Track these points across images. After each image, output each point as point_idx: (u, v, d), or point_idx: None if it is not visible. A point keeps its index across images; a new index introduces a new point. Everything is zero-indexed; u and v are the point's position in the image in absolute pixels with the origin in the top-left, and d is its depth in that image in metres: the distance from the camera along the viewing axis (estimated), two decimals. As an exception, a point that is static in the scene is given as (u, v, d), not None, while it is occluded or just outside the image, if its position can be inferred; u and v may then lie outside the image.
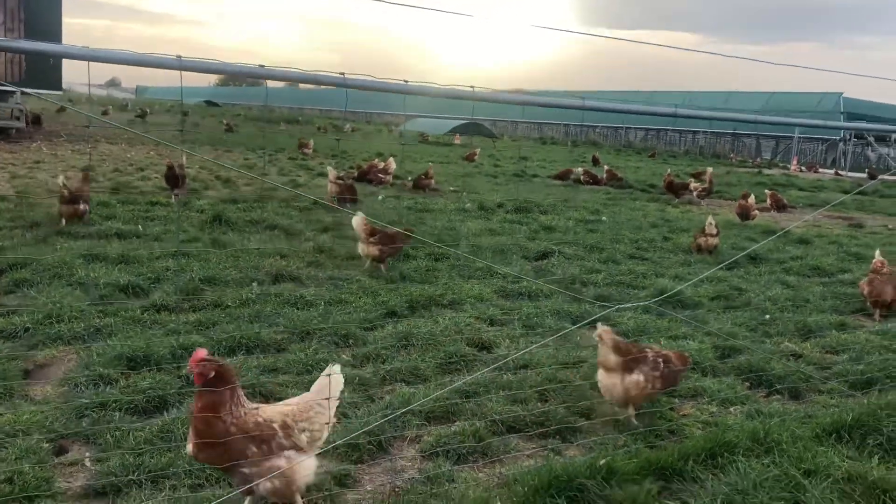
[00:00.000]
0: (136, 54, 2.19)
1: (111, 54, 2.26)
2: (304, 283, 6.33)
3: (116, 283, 5.72)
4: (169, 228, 8.15)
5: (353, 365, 4.54)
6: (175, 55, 2.18)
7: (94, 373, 4.05)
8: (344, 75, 2.74)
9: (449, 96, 3.37)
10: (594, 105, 3.84)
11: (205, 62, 2.30)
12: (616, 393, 3.92)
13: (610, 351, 3.92)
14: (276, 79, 2.58)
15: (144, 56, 2.18)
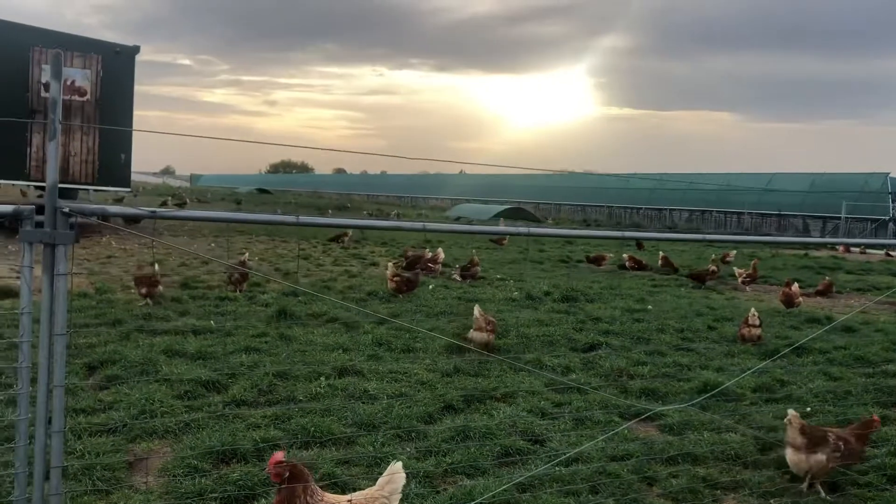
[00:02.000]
0: (258, 215, 2.73)
1: (245, 216, 2.81)
2: (367, 376, 6.79)
3: (198, 380, 6.26)
4: (238, 323, 8.74)
5: (416, 458, 4.95)
6: (294, 216, 2.72)
7: (189, 465, 4.54)
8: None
9: (459, 232, 3.81)
10: (539, 232, 4.30)
11: (318, 219, 2.84)
12: (801, 468, 4.72)
13: (797, 433, 4.72)
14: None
15: (269, 216, 2.73)
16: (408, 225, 3.89)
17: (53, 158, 2.45)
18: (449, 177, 75.76)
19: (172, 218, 2.80)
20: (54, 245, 2.41)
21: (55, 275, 2.42)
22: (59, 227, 2.40)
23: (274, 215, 3.07)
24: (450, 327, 9.22)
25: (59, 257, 2.42)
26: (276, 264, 15.27)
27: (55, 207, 2.39)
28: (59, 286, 2.44)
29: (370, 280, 13.24)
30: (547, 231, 3.91)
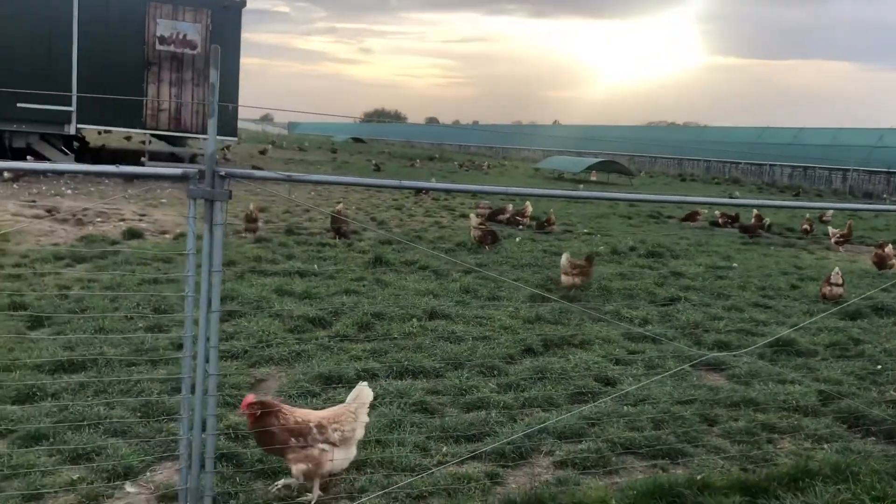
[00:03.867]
0: (374, 179, 3.28)
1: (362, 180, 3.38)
2: (454, 320, 7.41)
3: (306, 316, 7.02)
4: (339, 268, 9.50)
5: (497, 392, 5.54)
6: (398, 180, 3.27)
7: (302, 387, 5.28)
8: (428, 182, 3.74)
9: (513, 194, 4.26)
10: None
11: (419, 183, 3.36)
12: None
13: None
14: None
15: (381, 181, 3.27)
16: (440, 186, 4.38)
17: (213, 133, 3.06)
18: (541, 128, 75.17)
19: (306, 181, 3.37)
20: (213, 201, 3.05)
21: (213, 224, 3.07)
22: (217, 187, 3.03)
23: (384, 180, 3.64)
24: (534, 278, 9.73)
25: (216, 211, 3.06)
26: (372, 213, 16.06)
27: (213, 171, 3.02)
28: (217, 233, 3.09)
29: (459, 231, 13.83)
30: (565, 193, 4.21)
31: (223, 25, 19.65)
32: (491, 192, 4.66)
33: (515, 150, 64.64)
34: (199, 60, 19.56)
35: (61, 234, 10.80)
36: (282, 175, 3.26)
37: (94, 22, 18.36)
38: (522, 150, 63.55)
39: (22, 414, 4.51)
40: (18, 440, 4.21)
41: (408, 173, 30.53)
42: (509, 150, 65.51)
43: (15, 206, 12.72)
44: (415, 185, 3.50)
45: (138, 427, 4.47)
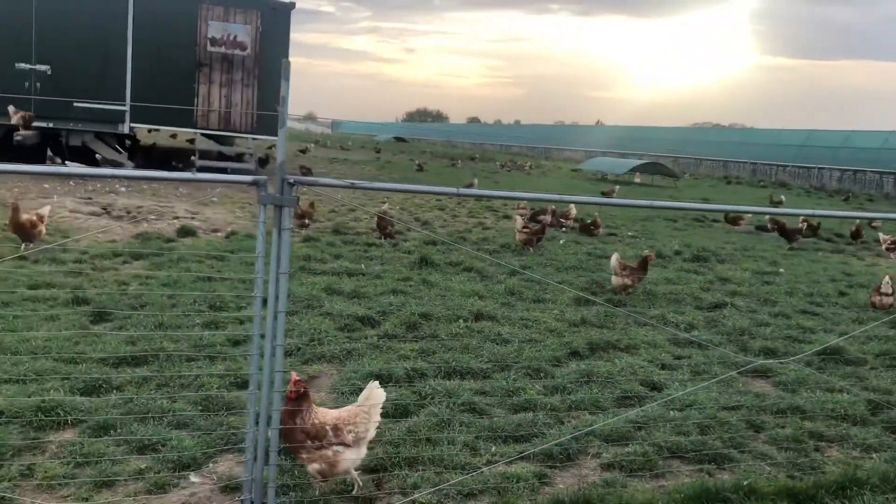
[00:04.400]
0: (425, 186, 3.40)
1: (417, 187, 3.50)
2: (500, 321, 7.51)
3: (355, 315, 7.19)
4: (386, 268, 9.66)
5: (543, 394, 5.63)
6: (455, 188, 3.39)
7: (353, 385, 5.43)
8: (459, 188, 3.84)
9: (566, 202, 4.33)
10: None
11: (474, 191, 3.49)
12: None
13: None
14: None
15: (433, 188, 3.41)
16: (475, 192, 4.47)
17: (282, 143, 3.22)
18: (584, 128, 74.76)
19: (368, 189, 3.51)
20: (282, 207, 3.20)
21: (281, 229, 3.23)
22: (285, 194, 3.19)
23: (437, 187, 3.77)
24: (578, 281, 9.78)
25: (284, 216, 3.22)
26: (416, 214, 16.22)
27: (283, 178, 3.17)
28: (284, 237, 3.24)
29: (503, 233, 13.92)
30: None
31: (272, 27, 20.00)
32: (549, 199, 4.74)
33: (557, 151, 64.38)
34: (248, 61, 19.93)
35: (118, 232, 11.15)
36: (346, 182, 3.40)
37: (148, 24, 18.83)
38: (564, 151, 63.28)
39: (90, 405, 4.74)
40: (88, 430, 4.43)
41: (450, 173, 30.66)
42: (551, 151, 65.27)
43: (72, 203, 13.15)
44: (473, 192, 3.60)
45: (199, 420, 4.66)
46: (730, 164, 47.67)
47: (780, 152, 44.31)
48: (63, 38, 18.18)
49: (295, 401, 3.82)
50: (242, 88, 20.10)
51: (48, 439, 4.31)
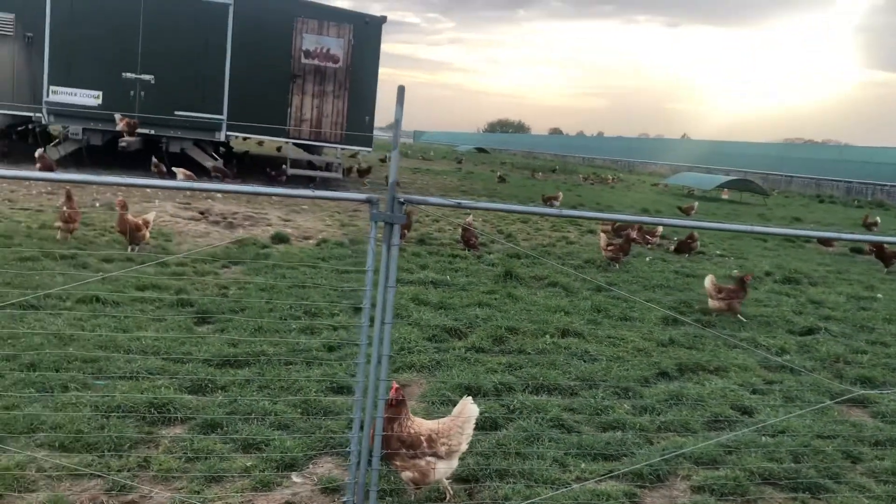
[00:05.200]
0: (519, 206, 3.50)
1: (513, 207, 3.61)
2: (587, 338, 7.53)
3: (443, 326, 7.34)
4: (471, 280, 9.79)
5: (632, 414, 5.64)
6: (558, 209, 3.47)
7: (442, 395, 5.57)
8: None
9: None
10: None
11: (577, 212, 3.58)
12: None
13: None
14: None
15: (527, 207, 3.49)
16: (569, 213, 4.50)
17: (395, 163, 3.38)
18: (670, 142, 73.40)
19: (474, 208, 3.64)
20: (392, 224, 3.36)
21: (391, 245, 3.38)
22: (395, 211, 3.34)
23: (535, 207, 3.86)
24: (666, 300, 9.67)
25: (394, 233, 3.37)
26: (499, 226, 16.33)
27: (394, 196, 3.33)
28: (393, 253, 3.40)
29: (587, 247, 13.87)
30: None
31: (364, 40, 20.50)
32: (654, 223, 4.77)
33: (641, 164, 63.45)
34: (340, 73, 20.48)
35: (215, 236, 11.65)
36: (452, 202, 3.54)
37: (245, 37, 19.60)
38: (649, 164, 62.32)
39: (197, 403, 5.02)
40: (197, 427, 4.69)
41: (531, 185, 30.65)
42: (635, 164, 64.36)
43: (173, 208, 13.80)
44: (576, 214, 3.67)
45: (299, 422, 4.87)
46: (823, 182, 45.99)
47: (877, 171, 42.50)
48: (167, 49, 19.11)
49: (393, 407, 3.96)
50: (333, 100, 20.66)
51: (161, 434, 4.60)
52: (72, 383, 5.11)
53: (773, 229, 8.21)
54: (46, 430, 4.40)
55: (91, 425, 4.49)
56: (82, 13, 18.53)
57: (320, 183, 21.15)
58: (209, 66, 19.49)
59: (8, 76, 18.69)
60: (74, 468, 4.03)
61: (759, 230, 4.96)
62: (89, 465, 4.09)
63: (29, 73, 18.69)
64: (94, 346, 5.87)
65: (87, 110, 18.76)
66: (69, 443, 4.30)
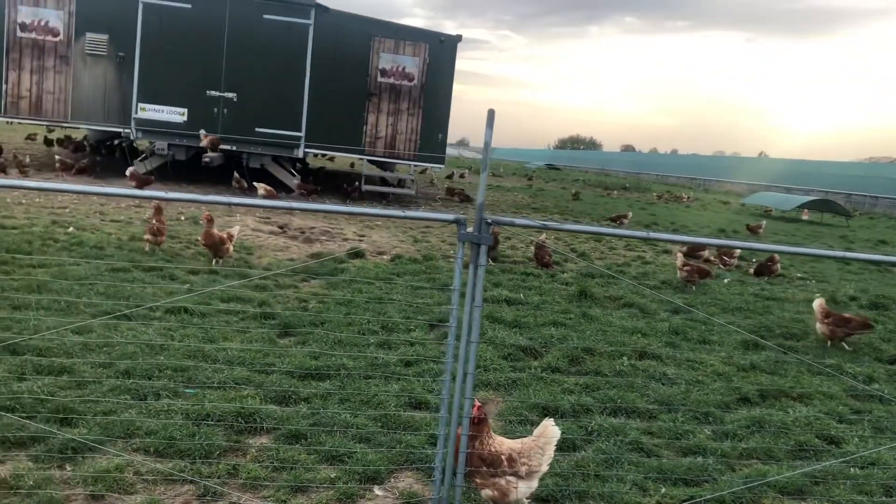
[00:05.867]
0: (614, 230, 3.52)
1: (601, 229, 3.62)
2: (665, 361, 7.42)
3: (518, 344, 7.36)
4: (545, 299, 9.78)
5: (713, 439, 5.54)
6: (646, 232, 3.48)
7: (519, 414, 5.59)
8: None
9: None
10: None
11: (665, 235, 3.58)
12: None
13: None
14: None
15: (623, 231, 3.51)
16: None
17: (483, 186, 3.45)
18: (746, 160, 71.64)
19: (560, 230, 3.68)
20: (479, 244, 3.43)
21: (478, 265, 3.45)
22: (483, 232, 3.41)
23: (628, 230, 3.87)
24: (745, 323, 9.45)
25: (481, 253, 3.44)
26: (572, 244, 16.24)
27: (481, 218, 3.40)
28: (480, 273, 3.47)
29: (663, 268, 13.66)
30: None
31: (439, 58, 20.78)
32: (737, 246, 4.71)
33: (717, 183, 62.06)
34: (414, 91, 20.79)
35: (294, 251, 11.95)
36: (539, 223, 3.59)
37: (324, 57, 20.10)
38: (725, 183, 60.90)
39: (282, 414, 5.16)
40: (282, 437, 4.84)
41: (604, 203, 30.37)
42: (710, 182, 63.00)
43: (254, 223, 14.22)
44: (664, 237, 3.68)
45: (379, 436, 4.96)
46: (910, 202, 44.07)
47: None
48: (249, 69, 19.76)
49: (475, 425, 4.01)
50: (408, 117, 20.97)
51: (248, 442, 4.75)
52: (163, 391, 5.33)
53: (859, 255, 7.92)
54: (142, 436, 4.61)
55: (183, 432, 4.67)
56: (170, 34, 19.35)
57: (393, 199, 21.47)
58: (289, 84, 20.06)
59: (100, 94, 19.63)
60: (169, 473, 4.22)
61: (845, 255, 4.82)
62: (182, 471, 4.26)
63: (119, 91, 19.59)
64: (184, 355, 6.11)
65: (172, 127, 19.54)
66: (163, 448, 4.49)
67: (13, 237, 10.09)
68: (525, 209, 23.90)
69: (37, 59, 19.25)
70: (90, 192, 3.77)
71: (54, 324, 6.34)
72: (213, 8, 19.43)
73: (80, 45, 19.27)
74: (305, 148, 20.56)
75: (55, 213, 12.86)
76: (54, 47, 19.26)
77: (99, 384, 5.33)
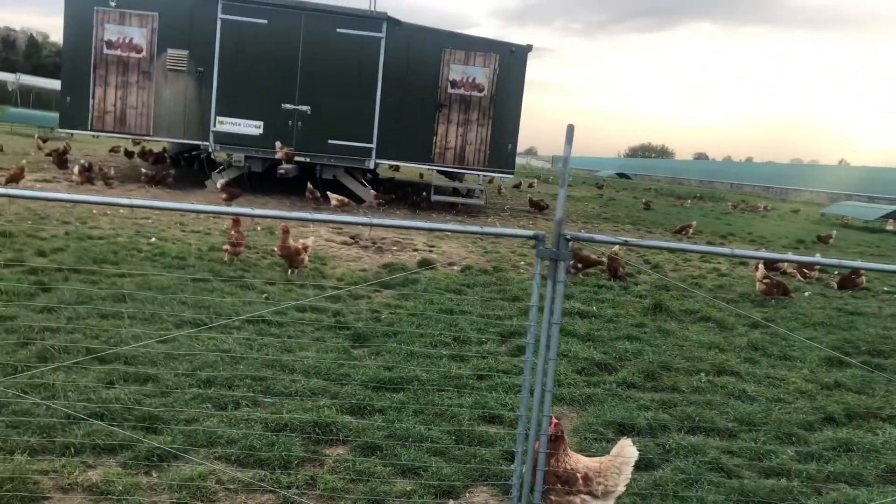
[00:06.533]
0: (696, 245, 3.45)
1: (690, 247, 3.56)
2: (744, 378, 7.21)
3: (592, 359, 7.27)
4: (618, 312, 9.63)
5: (797, 460, 5.35)
6: (729, 249, 3.40)
7: (595, 430, 5.51)
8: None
9: None
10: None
11: (748, 251, 3.49)
12: None
13: None
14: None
15: (704, 248, 3.43)
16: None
17: (562, 201, 3.43)
18: (826, 168, 69.24)
19: (641, 246, 3.64)
20: (558, 261, 3.40)
21: (556, 282, 3.43)
22: (561, 248, 3.39)
23: (708, 247, 3.79)
24: (829, 339, 9.11)
25: (560, 270, 3.42)
26: (645, 255, 15.96)
27: (560, 234, 3.38)
28: (559, 289, 3.44)
29: (740, 280, 13.30)
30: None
31: (509, 68, 20.79)
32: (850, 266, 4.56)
33: (795, 192, 60.13)
34: (484, 102, 20.84)
35: (366, 261, 12.10)
36: (619, 240, 3.54)
37: (396, 69, 20.37)
38: (803, 192, 58.98)
39: (357, 425, 5.22)
40: (358, 448, 4.89)
41: (677, 213, 29.78)
42: (788, 191, 61.10)
43: (327, 233, 14.47)
44: (746, 254, 3.57)
45: (453, 450, 4.97)
46: None
47: None
48: (323, 82, 20.17)
49: (552, 442, 3.97)
50: (477, 128, 21.03)
51: (325, 453, 4.82)
52: (243, 400, 5.46)
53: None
54: (223, 444, 4.73)
55: (262, 441, 4.78)
56: (247, 49, 19.91)
57: (462, 209, 21.54)
58: (361, 96, 20.38)
59: (181, 108, 20.32)
60: (249, 482, 4.31)
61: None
62: (262, 480, 4.35)
63: (199, 105, 20.24)
64: (262, 364, 6.25)
65: (249, 139, 20.08)
66: (243, 457, 4.60)
67: (99, 248, 10.51)
68: (596, 219, 23.63)
69: (121, 75, 20.05)
70: (185, 209, 3.90)
71: (139, 333, 6.58)
72: (289, 23, 19.91)
73: (162, 61, 20.00)
74: (376, 158, 20.82)
75: (138, 223, 13.36)
76: (137, 63, 20.03)
77: (182, 392, 5.50)
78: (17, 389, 5.14)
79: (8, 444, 4.44)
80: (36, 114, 47.88)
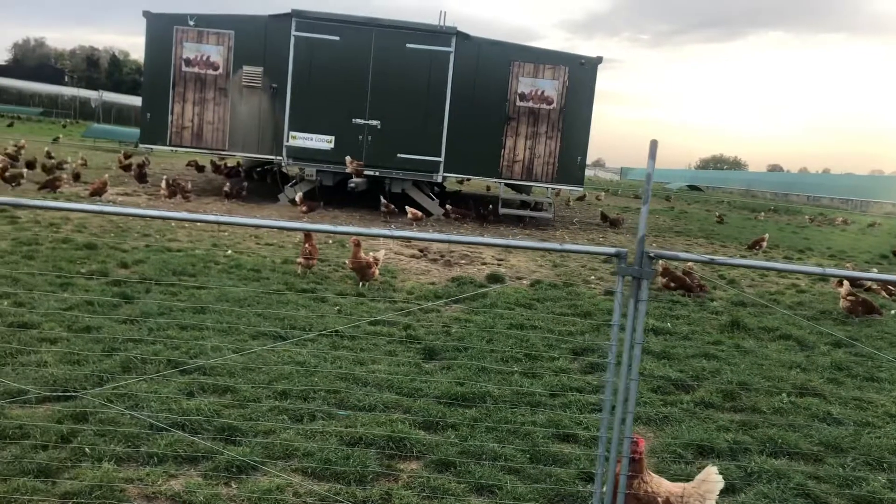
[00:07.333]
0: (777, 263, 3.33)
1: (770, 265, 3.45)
2: (828, 399, 6.93)
3: (667, 377, 7.10)
4: (693, 329, 9.40)
5: (889, 488, 5.10)
6: (822, 269, 3.28)
7: (673, 451, 5.37)
8: None
9: None
10: None
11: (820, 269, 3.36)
12: None
13: None
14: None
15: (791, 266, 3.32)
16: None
17: (644, 217, 3.36)
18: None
19: (726, 264, 3.55)
20: (640, 279, 3.33)
21: (638, 300, 3.36)
22: (644, 266, 3.32)
23: (799, 266, 3.66)
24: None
25: (642, 288, 3.35)
26: (720, 271, 15.55)
27: (642, 251, 3.31)
28: (641, 308, 3.37)
29: (820, 297, 12.83)
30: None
31: (579, 81, 20.63)
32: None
33: (876, 204, 57.83)
34: (553, 114, 20.73)
35: (435, 274, 12.14)
36: (705, 258, 3.45)
37: (464, 82, 20.46)
38: (885, 204, 56.67)
39: (430, 440, 5.22)
40: (431, 464, 4.88)
41: (752, 227, 28.96)
42: (869, 204, 58.79)
43: (396, 246, 14.58)
44: (839, 273, 3.45)
45: (528, 468, 4.91)
46: None
47: None
48: (392, 96, 20.41)
49: (633, 464, 3.88)
50: (546, 140, 20.93)
51: (399, 468, 4.83)
52: (318, 412, 5.52)
53: None
54: (300, 457, 4.78)
55: (337, 455, 4.81)
56: (319, 65, 20.31)
57: (530, 222, 21.43)
58: (430, 110, 20.54)
59: (255, 123, 20.84)
60: (325, 495, 4.34)
61: None
62: (338, 494, 4.38)
63: (272, 121, 20.72)
64: (336, 377, 6.31)
65: (321, 154, 20.46)
66: (319, 470, 4.64)
67: (178, 260, 10.83)
68: (667, 233, 23.18)
69: (198, 91, 20.71)
70: (264, 226, 3.98)
71: (218, 344, 6.73)
72: (360, 39, 20.23)
73: (238, 78, 20.57)
74: (445, 172, 20.93)
75: (214, 235, 13.72)
76: (214, 80, 20.65)
77: (259, 404, 5.59)
78: (104, 399, 5.32)
79: (96, 452, 4.59)
80: (117, 129, 49.96)
